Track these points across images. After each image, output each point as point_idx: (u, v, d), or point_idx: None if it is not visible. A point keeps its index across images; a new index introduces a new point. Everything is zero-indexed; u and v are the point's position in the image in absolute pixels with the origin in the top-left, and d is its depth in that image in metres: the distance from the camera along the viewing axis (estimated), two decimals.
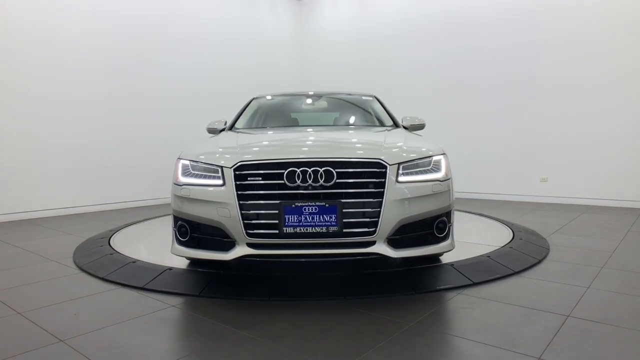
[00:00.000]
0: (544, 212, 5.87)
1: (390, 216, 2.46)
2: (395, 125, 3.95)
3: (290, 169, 2.48)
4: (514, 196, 7.14)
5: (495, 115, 7.30)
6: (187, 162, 2.82)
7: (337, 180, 2.46)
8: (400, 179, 2.53)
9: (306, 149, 2.85)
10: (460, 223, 4.92)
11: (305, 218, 2.42)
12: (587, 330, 2.13)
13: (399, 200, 2.49)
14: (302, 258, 2.54)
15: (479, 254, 3.37)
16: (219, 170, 2.61)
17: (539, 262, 3.36)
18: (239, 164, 2.55)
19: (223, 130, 3.97)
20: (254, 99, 4.63)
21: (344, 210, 2.43)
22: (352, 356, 1.90)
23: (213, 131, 4.02)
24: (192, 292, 2.75)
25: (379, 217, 2.45)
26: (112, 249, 3.76)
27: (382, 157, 2.56)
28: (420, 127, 3.92)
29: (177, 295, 2.73)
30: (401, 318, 2.31)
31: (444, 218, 2.68)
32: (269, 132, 3.71)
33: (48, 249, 4.01)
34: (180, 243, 2.79)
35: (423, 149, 2.82)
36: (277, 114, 4.43)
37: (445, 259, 3.24)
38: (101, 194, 6.48)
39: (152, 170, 6.92)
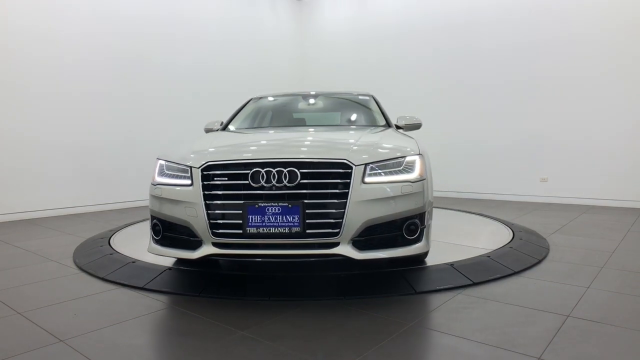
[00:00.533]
0: (544, 212, 5.87)
1: (355, 217, 2.42)
2: (388, 124, 3.91)
3: (255, 169, 2.49)
4: (514, 196, 7.14)
5: (495, 115, 7.31)
6: (163, 162, 2.88)
7: (301, 181, 2.45)
8: (367, 179, 2.49)
9: (273, 149, 2.84)
10: (461, 223, 4.93)
11: (269, 218, 2.42)
12: (587, 330, 2.13)
13: (365, 202, 2.44)
14: (264, 258, 2.55)
15: (479, 254, 3.37)
16: (189, 170, 2.64)
17: (539, 262, 3.36)
18: (206, 164, 2.58)
19: (216, 131, 4.01)
20: (251, 99, 4.69)
21: (307, 211, 2.42)
22: (352, 356, 1.90)
23: (209, 131, 4.06)
24: (192, 292, 2.75)
25: (343, 218, 2.41)
26: (112, 249, 3.76)
27: (347, 158, 2.51)
28: (416, 126, 3.88)
29: (177, 295, 2.73)
30: (401, 318, 2.31)
31: (416, 220, 2.60)
32: (255, 133, 3.69)
33: (48, 249, 4.01)
34: (156, 242, 2.83)
35: (396, 150, 2.76)
36: (272, 115, 4.47)
37: (445, 259, 3.24)
38: (101, 194, 6.48)
39: (152, 170, 6.90)
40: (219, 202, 2.51)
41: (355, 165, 2.48)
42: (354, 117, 4.33)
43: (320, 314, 2.40)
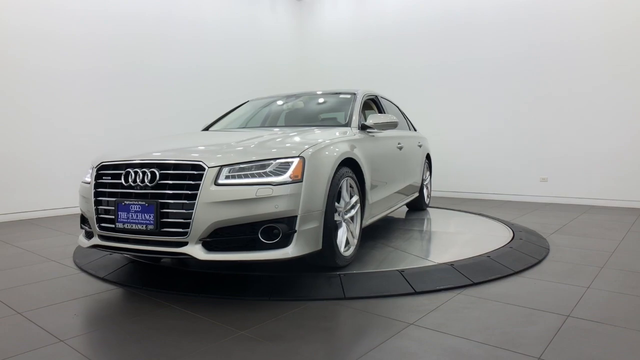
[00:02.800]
0: (544, 212, 5.87)
1: (203, 219, 2.45)
2: (347, 124, 3.76)
3: (127, 169, 2.71)
4: (514, 196, 7.14)
5: (495, 115, 7.31)
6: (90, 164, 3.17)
7: (160, 181, 2.58)
8: (220, 181, 2.50)
9: (143, 151, 2.97)
10: (461, 223, 4.93)
11: (131, 215, 2.61)
12: (587, 330, 2.13)
13: (215, 203, 2.45)
14: (125, 252, 2.72)
15: (478, 254, 3.37)
16: (92, 169, 2.98)
17: (539, 262, 3.37)
18: (100, 164, 2.89)
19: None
20: (248, 101, 4.84)
21: (162, 210, 2.53)
22: (352, 356, 1.90)
23: None
24: (191, 292, 2.76)
25: (191, 218, 2.47)
26: None
27: (201, 160, 2.56)
28: (390, 125, 3.76)
29: (177, 294, 2.73)
30: (401, 318, 2.31)
31: (280, 224, 2.50)
32: (206, 134, 3.78)
33: (48, 249, 4.01)
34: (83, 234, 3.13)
35: (271, 151, 2.71)
36: (256, 116, 4.54)
37: (445, 259, 3.24)
38: None
39: None
40: (103, 198, 2.79)
41: (209, 167, 2.51)
42: (323, 116, 4.32)
43: (320, 314, 2.40)
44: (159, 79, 7.20)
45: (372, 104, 4.60)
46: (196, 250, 2.46)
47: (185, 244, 2.49)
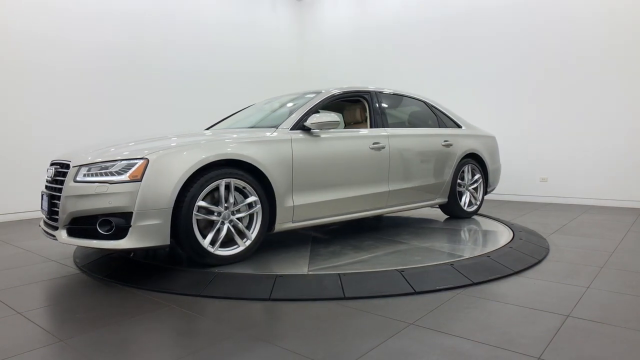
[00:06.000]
0: (544, 212, 5.88)
1: (64, 209, 2.93)
2: (276, 126, 3.66)
3: (49, 167, 3.28)
4: (514, 196, 7.14)
5: (495, 115, 7.31)
6: None
7: (55, 177, 3.13)
8: (78, 178, 2.94)
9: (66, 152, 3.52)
10: (460, 223, 4.93)
11: (43, 204, 3.24)
12: (587, 330, 2.13)
13: (70, 197, 2.92)
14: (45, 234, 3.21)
15: (478, 254, 3.37)
16: None
17: (539, 262, 3.37)
18: (51, 162, 3.38)
19: None
20: (253, 104, 4.89)
21: (52, 201, 3.10)
22: (352, 356, 1.90)
23: None
24: (192, 291, 2.76)
25: (59, 208, 2.96)
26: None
27: (70, 160, 3.06)
28: (330, 125, 3.63)
29: (177, 294, 2.73)
30: (401, 318, 2.31)
31: (115, 218, 2.82)
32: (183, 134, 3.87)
33: (48, 249, 4.01)
34: None
35: (122, 153, 3.02)
36: (246, 117, 4.56)
37: (445, 258, 3.24)
38: None
39: None
40: (43, 190, 3.33)
41: (72, 166, 2.99)
42: (274, 117, 4.18)
43: (320, 314, 2.40)
44: (157, 80, 7.19)
45: (364, 101, 4.33)
46: (61, 234, 2.93)
47: (57, 228, 2.99)
